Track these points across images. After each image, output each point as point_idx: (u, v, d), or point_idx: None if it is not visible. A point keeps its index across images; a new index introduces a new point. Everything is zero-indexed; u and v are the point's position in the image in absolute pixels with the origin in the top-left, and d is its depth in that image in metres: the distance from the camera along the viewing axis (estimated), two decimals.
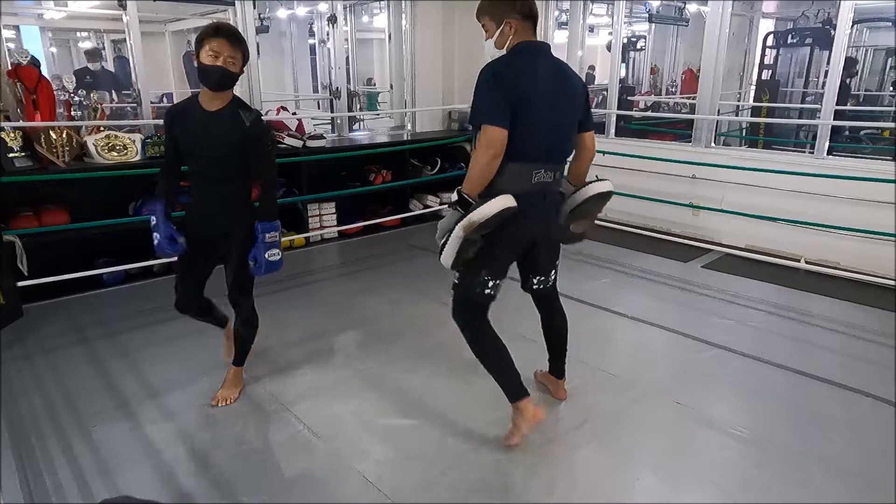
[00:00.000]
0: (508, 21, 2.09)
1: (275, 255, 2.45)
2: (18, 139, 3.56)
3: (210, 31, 2.26)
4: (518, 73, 2.04)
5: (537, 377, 2.79)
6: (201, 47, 2.25)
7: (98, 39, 7.35)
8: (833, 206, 4.10)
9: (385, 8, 5.87)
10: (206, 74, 2.27)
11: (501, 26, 2.10)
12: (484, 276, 2.19)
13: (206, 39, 2.24)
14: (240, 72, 2.33)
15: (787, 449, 2.28)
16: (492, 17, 2.13)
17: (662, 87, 9.01)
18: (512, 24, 2.09)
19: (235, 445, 2.30)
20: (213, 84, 2.28)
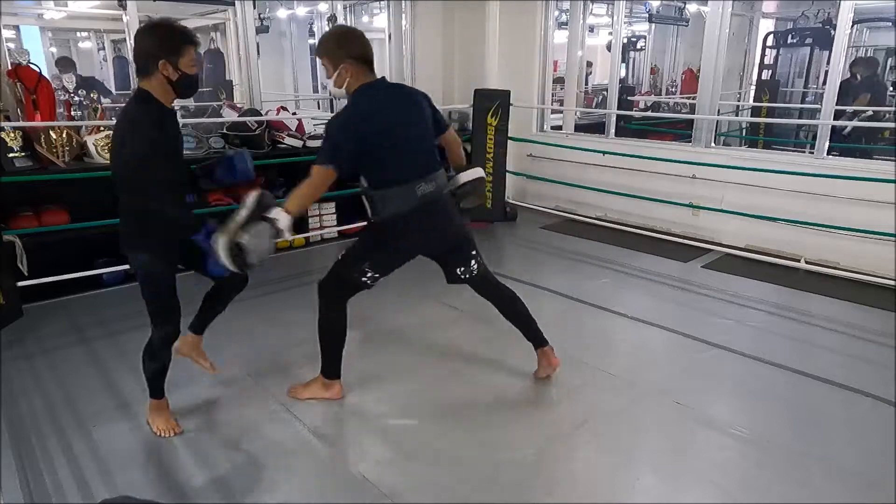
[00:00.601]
0: (344, 66, 2.27)
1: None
2: (18, 139, 3.56)
3: (189, 37, 2.11)
4: (363, 118, 2.27)
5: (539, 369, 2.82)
6: (181, 56, 2.05)
7: (97, 39, 7.35)
8: (833, 206, 4.10)
9: (385, 8, 5.87)
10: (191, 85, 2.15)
11: (338, 69, 2.29)
12: (366, 267, 2.42)
13: (188, 47, 2.08)
14: None
15: (787, 449, 2.28)
16: (329, 59, 2.31)
17: (662, 87, 9.01)
18: (347, 69, 2.27)
19: (236, 445, 2.30)
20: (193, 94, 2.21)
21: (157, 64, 2.04)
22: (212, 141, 4.31)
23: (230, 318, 3.45)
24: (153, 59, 2.04)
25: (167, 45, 2.05)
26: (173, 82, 2.08)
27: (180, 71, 2.07)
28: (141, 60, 2.07)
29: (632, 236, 4.95)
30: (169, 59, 2.04)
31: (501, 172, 5.31)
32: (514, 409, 2.56)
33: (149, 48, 2.06)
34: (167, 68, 2.05)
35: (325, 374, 2.59)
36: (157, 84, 2.08)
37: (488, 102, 5.16)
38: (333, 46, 2.32)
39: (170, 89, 2.11)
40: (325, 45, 2.35)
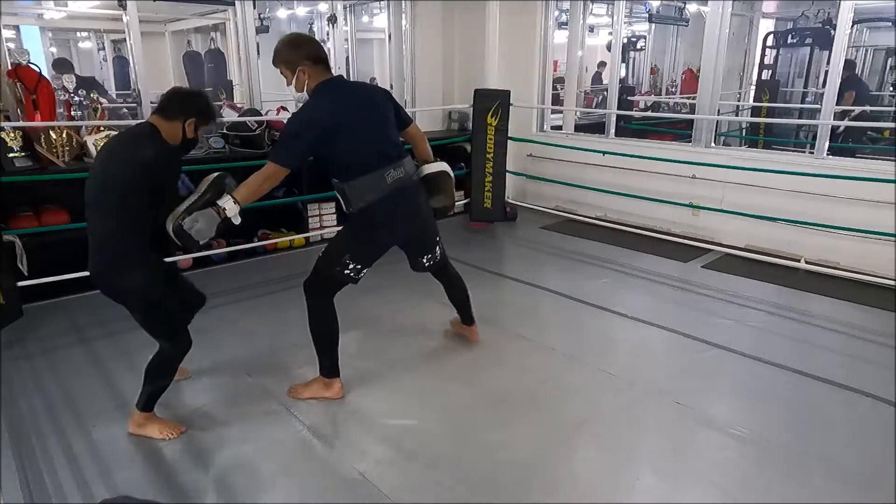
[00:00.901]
0: (301, 68, 2.37)
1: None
2: (18, 139, 3.56)
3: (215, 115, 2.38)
4: (324, 112, 2.35)
5: (453, 326, 3.23)
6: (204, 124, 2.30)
7: (97, 39, 7.35)
8: (833, 206, 4.10)
9: (385, 8, 5.87)
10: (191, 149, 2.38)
11: (296, 73, 2.38)
12: (347, 260, 2.48)
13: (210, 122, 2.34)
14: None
15: (787, 449, 2.28)
16: (286, 65, 2.41)
17: (662, 87, 9.01)
18: (305, 70, 2.37)
19: (236, 445, 2.30)
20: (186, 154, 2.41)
21: (185, 118, 2.23)
22: (212, 141, 4.31)
23: (230, 319, 3.47)
24: (186, 113, 2.23)
25: (203, 112, 2.28)
26: (184, 138, 2.26)
27: (195, 134, 2.29)
28: (173, 107, 2.24)
29: (632, 236, 4.95)
30: (197, 121, 2.26)
31: (501, 172, 5.31)
32: (514, 409, 2.56)
33: (189, 103, 2.26)
34: (190, 127, 2.25)
35: (323, 373, 2.61)
36: (171, 130, 2.23)
37: (488, 102, 5.16)
38: (287, 51, 2.41)
39: (177, 139, 2.26)
40: (280, 53, 2.42)
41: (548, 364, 2.94)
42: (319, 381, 2.62)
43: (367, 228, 2.50)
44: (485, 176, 5.29)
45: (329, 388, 2.61)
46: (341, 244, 2.56)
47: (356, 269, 2.51)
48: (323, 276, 2.54)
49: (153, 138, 2.19)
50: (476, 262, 4.40)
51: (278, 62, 2.44)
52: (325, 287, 2.54)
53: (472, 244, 5.01)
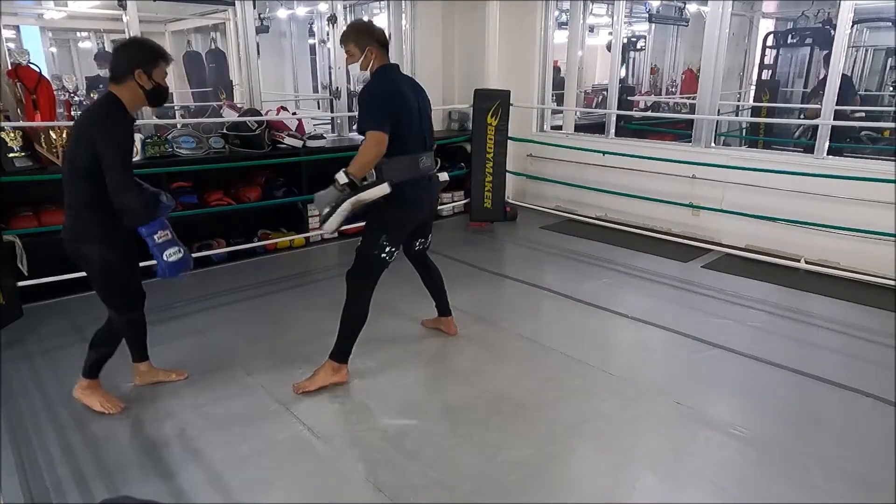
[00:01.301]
0: (370, 48, 2.59)
1: (175, 255, 2.35)
2: (18, 139, 3.56)
3: (164, 53, 2.29)
4: (392, 89, 2.58)
5: (426, 324, 3.32)
6: (155, 67, 2.24)
7: (98, 39, 7.35)
8: (833, 206, 4.10)
9: (385, 8, 5.87)
10: (162, 95, 2.32)
11: (364, 52, 2.60)
12: (384, 241, 2.63)
13: (164, 60, 2.27)
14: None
15: (787, 449, 2.28)
16: (356, 44, 2.61)
17: (662, 87, 9.01)
18: (373, 51, 2.60)
19: (236, 445, 2.30)
20: (163, 104, 2.40)
21: (132, 72, 2.21)
22: (212, 141, 4.31)
23: (230, 319, 3.47)
24: (129, 67, 2.21)
25: (144, 57, 2.24)
26: (147, 90, 2.25)
27: (153, 81, 2.25)
28: (117, 69, 2.22)
29: (632, 236, 4.95)
30: (144, 68, 2.22)
31: (501, 172, 5.31)
32: (514, 409, 2.56)
33: (127, 56, 2.24)
34: (142, 77, 2.22)
35: (336, 358, 2.71)
36: (129, 92, 2.23)
37: (488, 102, 5.16)
38: (359, 33, 2.62)
39: (140, 97, 2.26)
40: (352, 33, 2.63)
41: (548, 364, 2.95)
42: (328, 365, 2.71)
43: (397, 207, 2.63)
44: (485, 176, 5.29)
45: (338, 372, 2.72)
46: (377, 228, 2.66)
47: (391, 253, 2.66)
48: (366, 263, 2.66)
49: (108, 108, 2.21)
50: (476, 262, 4.40)
51: (349, 41, 2.62)
52: (369, 274, 2.68)
53: (472, 244, 5.01)
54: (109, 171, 2.14)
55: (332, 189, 2.53)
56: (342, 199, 2.51)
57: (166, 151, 4.07)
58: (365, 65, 2.64)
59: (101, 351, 2.49)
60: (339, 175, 2.51)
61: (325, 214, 2.54)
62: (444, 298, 3.19)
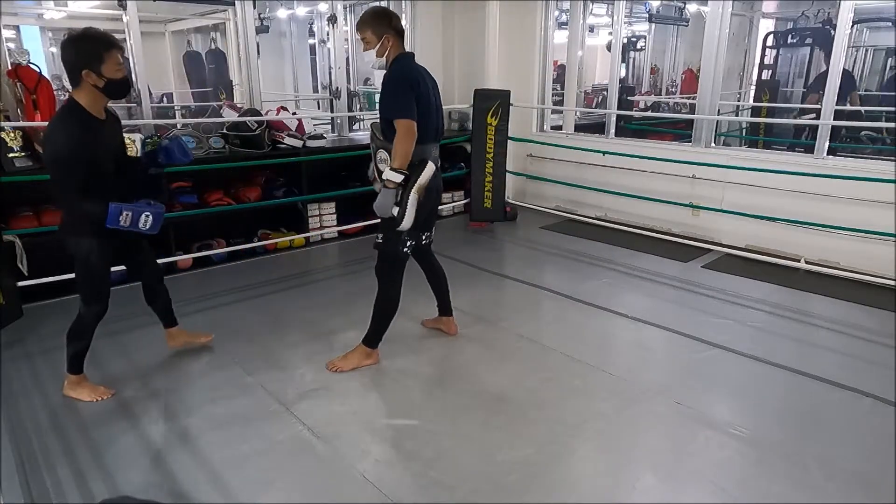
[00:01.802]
0: (387, 36, 2.60)
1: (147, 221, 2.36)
2: (18, 139, 3.56)
3: (110, 42, 2.20)
4: (414, 78, 2.60)
5: (426, 324, 3.32)
6: (101, 63, 2.17)
7: None
8: (833, 206, 4.10)
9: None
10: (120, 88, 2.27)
11: (381, 40, 2.61)
12: (405, 238, 2.69)
13: (110, 52, 2.19)
14: None
15: (787, 449, 2.28)
16: (373, 31, 2.61)
17: (662, 87, 9.01)
18: (389, 39, 2.61)
19: (236, 445, 2.30)
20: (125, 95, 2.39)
21: (80, 74, 2.16)
22: (212, 141, 4.31)
23: (230, 319, 3.47)
24: (77, 70, 2.17)
25: (87, 55, 2.16)
26: (101, 88, 2.21)
27: (105, 77, 2.19)
28: (69, 74, 2.19)
29: (632, 236, 4.95)
30: (91, 67, 2.16)
31: (501, 172, 5.31)
32: (514, 409, 2.56)
33: (71, 59, 2.18)
34: (90, 76, 2.18)
35: (369, 343, 2.88)
36: (85, 93, 2.21)
37: (488, 102, 5.16)
38: (377, 20, 2.62)
39: (99, 95, 2.23)
40: (370, 19, 2.62)
41: (548, 364, 2.95)
42: (361, 349, 2.87)
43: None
44: (485, 176, 5.29)
45: (370, 356, 2.88)
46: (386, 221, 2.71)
47: (410, 245, 2.73)
48: (392, 258, 2.73)
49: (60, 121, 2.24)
50: (476, 262, 4.40)
51: (365, 28, 2.61)
52: (396, 267, 2.77)
53: (472, 244, 5.01)
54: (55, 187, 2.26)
55: (386, 191, 2.54)
56: (406, 195, 2.53)
57: None
58: (381, 52, 2.63)
59: (77, 345, 2.58)
60: (389, 174, 2.51)
61: (398, 216, 2.56)
62: (446, 298, 3.21)
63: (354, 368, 2.84)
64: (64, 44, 2.22)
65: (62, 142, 2.18)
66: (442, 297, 3.21)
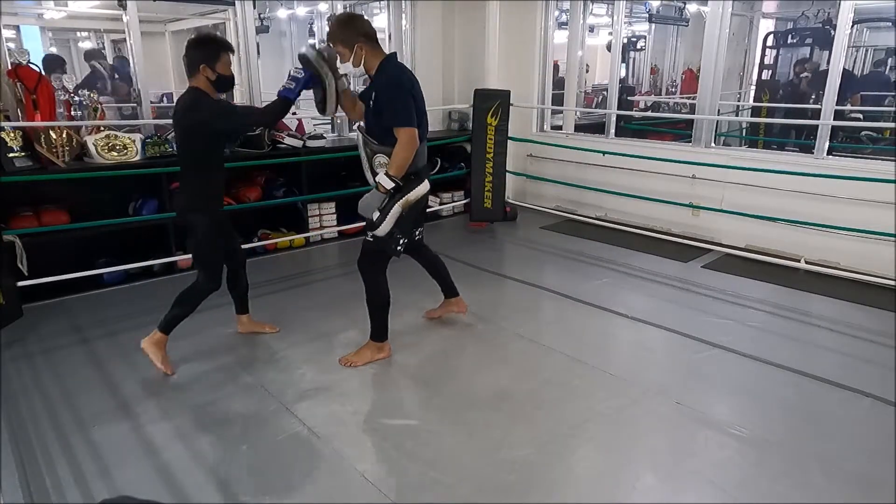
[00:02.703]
0: (358, 44, 2.55)
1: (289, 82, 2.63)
2: (18, 139, 3.56)
3: (227, 45, 2.63)
4: (406, 80, 2.61)
5: (429, 315, 3.37)
6: (217, 60, 2.57)
7: (97, 39, 7.34)
8: (833, 206, 4.10)
9: (385, 8, 5.87)
10: (227, 83, 2.67)
11: (354, 50, 2.56)
12: (397, 235, 2.68)
13: (226, 52, 2.61)
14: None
15: (787, 449, 2.28)
16: (343, 43, 2.56)
17: (662, 87, 9.01)
18: (362, 47, 2.56)
19: (236, 445, 2.30)
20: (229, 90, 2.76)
21: (198, 67, 2.56)
22: None
23: (230, 319, 3.47)
24: (196, 63, 2.57)
25: (207, 52, 2.58)
26: (213, 81, 2.60)
27: (217, 72, 2.59)
28: (188, 66, 2.59)
29: (632, 236, 4.95)
30: (208, 62, 2.56)
31: (501, 172, 5.31)
32: (514, 409, 2.56)
33: (193, 53, 2.58)
34: (206, 70, 2.57)
35: (375, 338, 2.91)
36: (202, 82, 2.60)
37: (488, 102, 5.16)
38: (342, 30, 2.58)
39: (210, 87, 2.61)
40: (337, 31, 2.59)
41: (548, 364, 2.95)
42: (371, 345, 2.91)
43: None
44: (485, 176, 5.29)
45: (381, 350, 2.92)
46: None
47: (403, 243, 2.73)
48: (378, 254, 2.75)
49: (192, 98, 2.58)
50: (476, 262, 4.40)
51: (335, 41, 2.59)
52: (381, 263, 2.79)
53: (472, 244, 5.01)
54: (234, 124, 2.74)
55: (376, 193, 2.57)
56: (391, 203, 2.55)
57: (166, 151, 4.07)
58: (357, 62, 2.59)
59: (179, 310, 2.78)
60: (383, 179, 2.54)
61: (376, 219, 2.60)
62: (448, 279, 3.23)
63: (368, 363, 2.87)
64: (190, 42, 2.62)
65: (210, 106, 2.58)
66: (443, 279, 3.22)
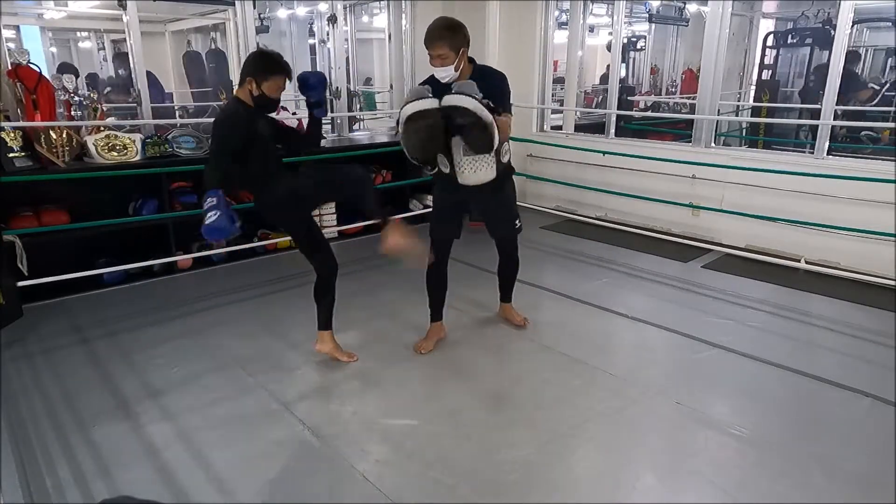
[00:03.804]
0: (463, 49, 2.61)
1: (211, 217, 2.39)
2: (18, 139, 3.56)
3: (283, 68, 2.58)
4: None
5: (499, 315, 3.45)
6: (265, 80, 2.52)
7: (97, 39, 7.34)
8: (833, 206, 4.10)
9: (385, 8, 5.87)
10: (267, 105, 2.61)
11: (459, 54, 2.60)
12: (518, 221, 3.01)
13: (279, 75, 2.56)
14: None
15: (787, 449, 2.28)
16: (451, 47, 2.58)
17: (662, 87, 9.01)
18: (465, 51, 2.62)
19: (235, 445, 2.30)
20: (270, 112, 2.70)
21: (246, 77, 2.54)
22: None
23: (230, 319, 3.48)
24: (245, 73, 2.55)
25: (259, 67, 2.54)
26: (253, 97, 2.56)
27: (260, 91, 2.53)
28: (241, 73, 2.59)
29: (632, 236, 4.95)
30: (256, 77, 2.52)
31: None
32: (514, 409, 2.56)
33: (247, 64, 2.58)
34: (251, 84, 2.53)
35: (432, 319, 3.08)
36: (244, 94, 2.57)
37: None
38: (455, 35, 2.59)
39: (251, 101, 2.57)
40: (447, 35, 2.57)
41: (548, 364, 2.95)
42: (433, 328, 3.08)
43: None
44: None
45: (442, 328, 3.12)
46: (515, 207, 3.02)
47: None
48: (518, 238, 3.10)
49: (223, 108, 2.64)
50: (476, 262, 4.39)
51: (442, 44, 2.56)
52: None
53: (471, 244, 4.98)
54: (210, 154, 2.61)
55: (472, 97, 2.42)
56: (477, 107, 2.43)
57: (166, 151, 4.08)
58: (459, 66, 2.60)
59: (323, 301, 2.82)
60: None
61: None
62: (503, 284, 3.34)
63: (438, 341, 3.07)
64: (251, 53, 2.71)
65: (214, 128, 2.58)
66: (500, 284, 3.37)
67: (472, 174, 2.66)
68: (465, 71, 2.65)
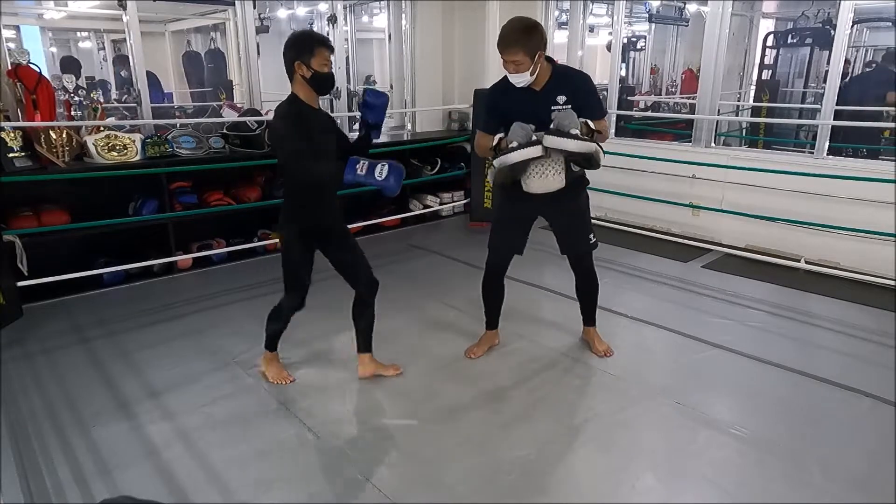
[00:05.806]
0: (540, 52, 2.37)
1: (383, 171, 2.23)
2: (18, 139, 3.56)
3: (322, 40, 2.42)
4: None
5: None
6: (311, 56, 2.35)
7: (97, 39, 7.35)
8: (833, 206, 4.10)
9: (385, 8, 5.87)
10: (324, 81, 2.44)
11: (535, 59, 2.35)
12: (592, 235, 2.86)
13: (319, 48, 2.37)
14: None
15: (787, 449, 2.28)
16: (527, 51, 2.33)
17: (662, 87, 9.00)
18: (542, 55, 2.38)
19: (236, 445, 2.30)
20: (329, 90, 2.53)
21: (293, 65, 2.38)
22: (212, 141, 4.31)
23: (230, 319, 3.47)
24: (290, 61, 2.38)
25: (301, 48, 2.37)
26: (308, 80, 2.38)
27: (312, 69, 2.37)
28: (286, 69, 2.43)
29: (632, 236, 4.95)
30: (301, 58, 2.36)
31: None
32: (515, 409, 2.56)
33: (287, 52, 2.40)
34: (301, 68, 2.37)
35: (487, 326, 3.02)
36: (299, 86, 2.42)
37: None
38: (531, 37, 2.34)
39: (308, 87, 2.41)
40: (523, 39, 2.32)
41: (548, 364, 2.95)
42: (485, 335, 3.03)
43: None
44: (485, 176, 5.29)
45: (496, 335, 3.06)
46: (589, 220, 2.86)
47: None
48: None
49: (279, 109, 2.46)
50: (476, 262, 4.38)
51: (518, 49, 2.32)
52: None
53: (472, 244, 5.00)
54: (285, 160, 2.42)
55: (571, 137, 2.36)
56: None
57: (166, 151, 4.07)
58: (535, 71, 2.37)
59: (271, 327, 2.74)
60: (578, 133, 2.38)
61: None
62: (585, 305, 3.05)
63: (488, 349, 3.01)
64: (285, 45, 2.45)
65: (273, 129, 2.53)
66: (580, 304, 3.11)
67: (537, 179, 2.50)
68: (543, 74, 2.43)
